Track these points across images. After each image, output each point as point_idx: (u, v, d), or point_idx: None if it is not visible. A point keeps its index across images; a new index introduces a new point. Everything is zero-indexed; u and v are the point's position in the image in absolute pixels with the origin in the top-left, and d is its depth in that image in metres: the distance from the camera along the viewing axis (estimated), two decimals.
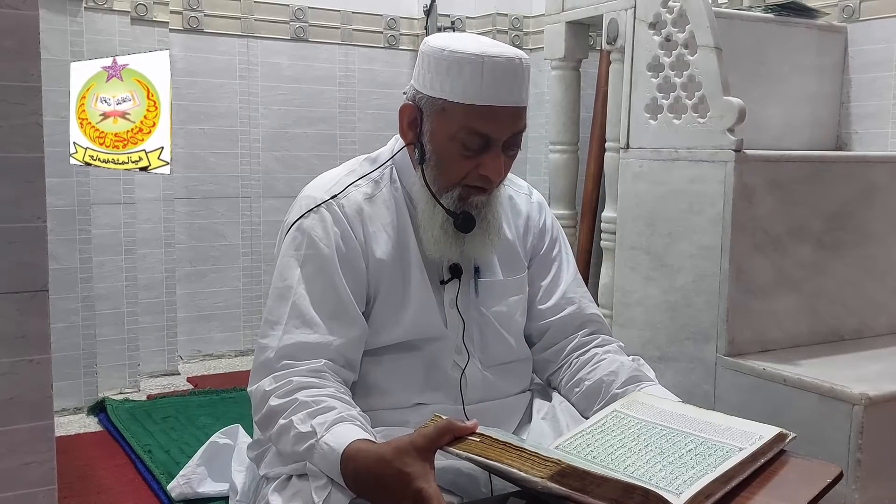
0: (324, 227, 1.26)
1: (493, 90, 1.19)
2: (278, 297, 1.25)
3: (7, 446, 0.87)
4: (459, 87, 1.19)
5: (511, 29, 3.32)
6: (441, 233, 1.25)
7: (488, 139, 1.21)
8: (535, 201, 1.47)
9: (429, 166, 1.26)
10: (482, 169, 1.23)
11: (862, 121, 2.27)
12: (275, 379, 1.17)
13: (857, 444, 1.48)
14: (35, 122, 0.86)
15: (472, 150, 1.22)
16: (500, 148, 1.23)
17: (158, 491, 1.95)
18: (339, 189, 1.29)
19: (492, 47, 1.21)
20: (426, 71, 1.23)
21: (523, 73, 1.22)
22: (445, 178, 1.25)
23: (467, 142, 1.21)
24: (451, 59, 1.20)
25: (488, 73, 1.18)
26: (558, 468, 0.93)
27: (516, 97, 1.22)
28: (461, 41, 1.22)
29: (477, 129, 1.20)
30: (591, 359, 1.38)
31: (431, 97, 1.23)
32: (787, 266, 1.81)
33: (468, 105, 1.19)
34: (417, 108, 1.25)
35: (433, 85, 1.22)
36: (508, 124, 1.22)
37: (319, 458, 1.07)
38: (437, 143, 1.24)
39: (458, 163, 1.23)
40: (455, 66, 1.19)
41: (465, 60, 1.19)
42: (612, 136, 2.12)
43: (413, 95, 1.26)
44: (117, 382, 2.76)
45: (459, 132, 1.21)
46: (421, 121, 1.25)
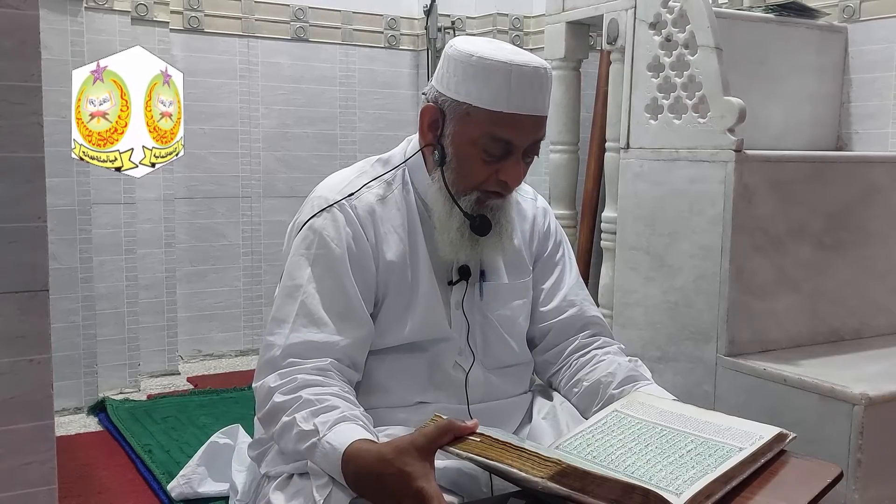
0: (336, 228, 1.26)
1: (518, 98, 1.20)
2: (287, 295, 1.25)
3: (7, 446, 0.87)
4: (486, 93, 1.20)
5: (511, 29, 3.32)
6: (458, 235, 1.26)
7: (510, 146, 1.22)
8: (539, 206, 1.48)
9: (448, 169, 1.26)
10: (502, 174, 1.24)
11: (862, 121, 2.27)
12: (280, 376, 1.18)
13: (857, 444, 1.48)
14: (35, 122, 0.86)
15: (493, 155, 1.23)
16: (520, 155, 1.24)
17: (158, 491, 1.95)
18: (352, 190, 1.30)
19: (518, 55, 1.22)
20: (451, 74, 1.24)
21: (547, 82, 1.24)
22: (464, 181, 1.26)
23: (489, 147, 1.22)
24: (479, 66, 1.20)
25: (515, 82, 1.20)
26: (558, 468, 0.93)
27: (540, 106, 1.23)
28: (488, 47, 1.23)
29: (500, 136, 1.21)
30: (590, 360, 1.39)
31: (455, 101, 1.23)
32: (788, 266, 1.81)
33: (493, 112, 1.20)
34: (440, 110, 1.26)
35: (458, 89, 1.23)
36: (531, 132, 1.23)
37: (321, 456, 1.07)
38: (459, 147, 1.24)
39: (478, 167, 1.24)
40: (483, 73, 1.20)
41: (493, 68, 1.20)
42: (613, 137, 2.12)
43: (435, 97, 1.27)
44: (117, 382, 2.76)
45: (482, 137, 1.22)
46: (442, 123, 1.26)
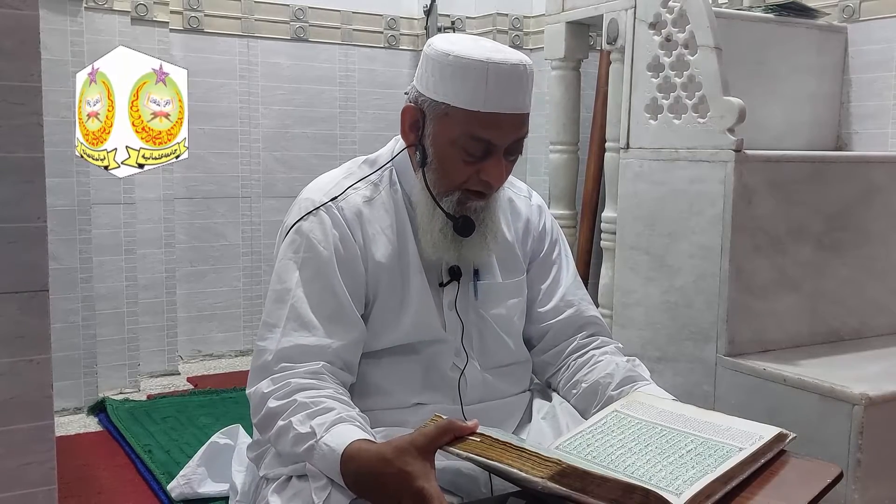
0: (322, 230, 1.25)
1: (496, 97, 1.18)
2: (276, 299, 1.25)
3: (7, 446, 0.87)
4: (463, 93, 1.19)
5: (511, 29, 3.32)
6: (440, 236, 1.25)
7: (490, 145, 1.21)
8: (534, 204, 1.46)
9: (430, 169, 1.25)
10: (483, 174, 1.23)
11: (862, 121, 2.27)
12: (273, 381, 1.17)
13: (857, 444, 1.48)
14: (35, 122, 0.86)
15: (473, 155, 1.22)
16: (501, 154, 1.22)
17: (158, 491, 1.95)
18: (338, 192, 1.29)
19: (496, 52, 1.20)
20: (429, 74, 1.23)
21: (527, 79, 1.21)
22: (446, 181, 1.25)
23: (469, 147, 1.21)
24: (456, 65, 1.19)
25: (492, 80, 1.18)
26: (558, 468, 0.93)
27: (520, 104, 1.21)
28: (465, 45, 1.21)
29: (479, 136, 1.20)
30: (589, 361, 1.38)
31: (434, 101, 1.22)
32: (788, 266, 1.81)
33: (471, 112, 1.19)
34: (420, 110, 1.25)
35: (436, 89, 1.22)
36: (511, 131, 1.22)
37: (319, 458, 1.07)
38: (439, 147, 1.23)
39: (459, 167, 1.23)
40: (459, 72, 1.19)
41: (469, 66, 1.18)
42: (612, 136, 2.12)
43: (415, 97, 1.26)
44: (117, 382, 2.76)
45: (461, 138, 1.20)
46: (423, 123, 1.25)
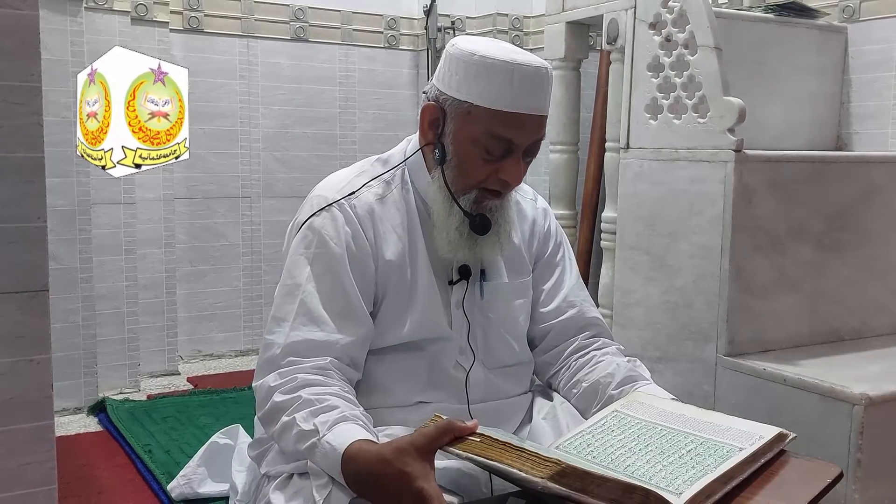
0: (335, 227, 1.26)
1: (520, 97, 1.20)
2: (286, 294, 1.25)
3: (7, 446, 0.87)
4: (487, 92, 1.20)
5: (511, 29, 3.32)
6: (456, 234, 1.27)
7: (511, 145, 1.22)
8: (539, 206, 1.48)
9: (449, 167, 1.26)
10: (502, 174, 1.24)
11: (862, 121, 2.27)
12: (280, 375, 1.18)
13: (857, 444, 1.48)
14: (35, 122, 0.86)
15: (494, 154, 1.23)
16: (520, 154, 1.24)
17: (158, 491, 1.95)
18: (352, 189, 1.30)
19: (519, 55, 1.22)
20: (453, 73, 1.24)
21: (548, 81, 1.24)
22: (465, 180, 1.26)
23: (490, 146, 1.22)
24: (481, 65, 1.20)
25: (517, 81, 1.20)
26: (558, 468, 0.93)
27: (541, 105, 1.23)
28: (489, 46, 1.23)
29: (501, 135, 1.21)
30: (590, 361, 1.39)
31: (457, 99, 1.23)
32: (788, 266, 1.81)
33: (495, 111, 1.20)
34: (440, 108, 1.26)
35: (460, 87, 1.23)
36: (532, 131, 1.23)
37: (321, 456, 1.07)
38: (459, 145, 1.25)
39: (478, 165, 1.24)
40: (484, 72, 1.20)
41: (494, 67, 1.20)
42: (612, 137, 2.12)
43: (436, 96, 1.27)
44: (117, 382, 2.76)
45: (483, 136, 1.22)
46: (443, 122, 1.26)
